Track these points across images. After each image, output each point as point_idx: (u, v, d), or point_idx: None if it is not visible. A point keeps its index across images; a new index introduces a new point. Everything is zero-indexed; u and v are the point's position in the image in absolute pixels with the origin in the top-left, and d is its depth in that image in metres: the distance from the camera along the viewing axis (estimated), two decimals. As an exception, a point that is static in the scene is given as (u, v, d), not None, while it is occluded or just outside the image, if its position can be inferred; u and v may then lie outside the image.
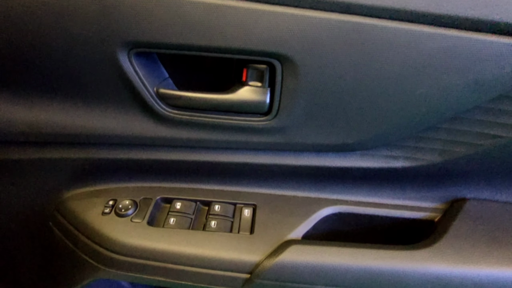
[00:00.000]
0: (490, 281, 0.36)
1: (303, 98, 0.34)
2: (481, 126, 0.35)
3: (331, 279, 0.37)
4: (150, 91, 0.35)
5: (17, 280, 0.54)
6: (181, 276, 0.40)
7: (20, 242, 0.50)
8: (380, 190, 0.44)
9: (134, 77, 0.34)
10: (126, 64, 0.33)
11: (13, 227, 0.49)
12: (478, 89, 0.31)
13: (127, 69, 0.33)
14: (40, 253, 0.51)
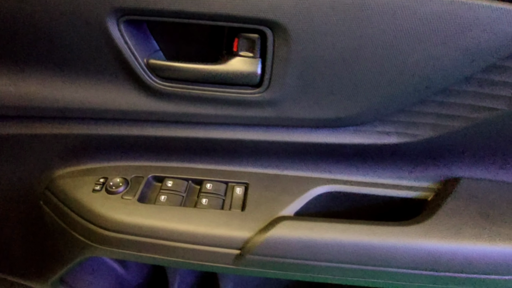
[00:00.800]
0: (480, 257, 0.36)
1: (295, 68, 0.33)
2: (474, 99, 0.34)
3: (322, 255, 0.37)
4: (140, 62, 0.35)
5: (8, 260, 0.54)
6: (171, 252, 0.40)
7: (10, 221, 0.50)
8: (374, 169, 0.44)
9: (123, 47, 0.34)
10: (115, 33, 0.33)
11: (3, 206, 0.48)
12: (471, 58, 0.31)
13: (117, 38, 0.33)
14: (31, 232, 0.50)
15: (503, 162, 0.42)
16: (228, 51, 0.34)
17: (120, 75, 0.36)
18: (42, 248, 0.50)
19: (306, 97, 0.35)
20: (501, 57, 0.31)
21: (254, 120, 0.38)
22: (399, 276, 0.37)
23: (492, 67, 0.32)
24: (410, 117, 0.37)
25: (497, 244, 0.36)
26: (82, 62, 0.35)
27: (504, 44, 0.30)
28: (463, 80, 0.33)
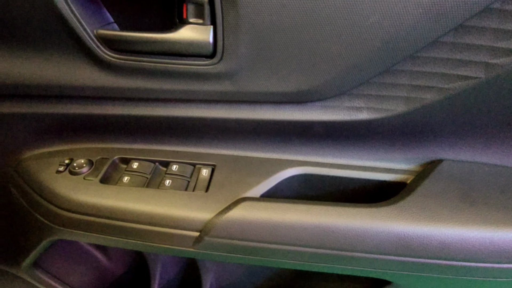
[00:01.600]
0: (457, 242, 0.33)
1: (247, 35, 0.31)
2: (446, 66, 0.31)
3: (283, 237, 0.35)
4: (89, 32, 0.33)
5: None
6: (131, 234, 0.38)
7: None
8: (347, 149, 0.41)
9: (70, 17, 0.32)
10: (60, 2, 0.31)
11: None
12: (437, 16, 0.28)
13: (62, 8, 0.32)
14: (1, 215, 0.50)
15: (486, 142, 0.39)
16: (179, 19, 0.33)
17: (71, 49, 0.35)
18: (11, 231, 0.50)
19: (262, 68, 0.33)
20: (472, 15, 0.28)
21: (212, 95, 0.36)
22: (366, 261, 0.34)
23: (462, 27, 0.28)
24: (380, 90, 0.34)
25: (475, 228, 0.33)
26: (32, 36, 0.34)
27: (473, 0, 0.27)
28: (431, 45, 0.30)
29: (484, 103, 0.33)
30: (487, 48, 0.30)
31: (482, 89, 0.32)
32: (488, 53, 0.30)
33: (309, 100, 0.36)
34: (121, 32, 0.33)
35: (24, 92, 0.39)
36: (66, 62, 0.36)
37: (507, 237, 0.33)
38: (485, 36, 0.29)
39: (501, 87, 0.32)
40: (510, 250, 0.32)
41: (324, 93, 0.35)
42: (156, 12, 0.35)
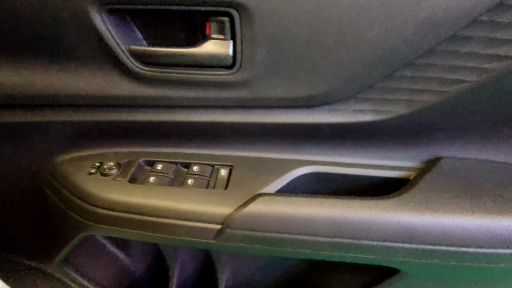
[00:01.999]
0: (456, 228, 0.36)
1: (262, 47, 0.35)
2: (442, 71, 0.35)
3: (298, 227, 0.38)
4: (123, 48, 0.38)
5: (16, 242, 0.58)
6: (157, 228, 0.42)
7: (18, 206, 0.54)
8: (354, 149, 0.45)
9: (106, 35, 0.37)
10: (97, 21, 0.36)
11: (10, 191, 0.53)
12: (430, 28, 0.31)
13: (99, 26, 0.36)
14: (35, 216, 0.54)
15: (483, 140, 0.42)
16: (202, 35, 0.37)
17: (105, 63, 0.39)
18: (46, 229, 0.54)
19: (276, 76, 0.37)
20: (462, 26, 0.31)
21: (230, 102, 0.40)
22: (375, 249, 0.38)
23: (454, 37, 0.32)
24: (383, 94, 0.38)
25: (475, 217, 0.36)
26: (70, 52, 0.39)
27: (463, 13, 0.30)
28: (428, 52, 0.34)
29: (478, 104, 0.37)
30: (478, 55, 0.33)
31: (476, 91, 0.35)
32: (480, 59, 0.33)
33: (317, 104, 0.40)
34: (151, 48, 0.38)
35: (61, 102, 0.44)
36: (100, 75, 0.41)
37: (504, 224, 0.36)
38: (476, 44, 0.33)
39: (493, 90, 0.35)
40: (507, 236, 0.35)
41: (331, 98, 0.39)
42: (180, 30, 0.39)
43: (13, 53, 0.40)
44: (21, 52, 0.40)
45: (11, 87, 0.42)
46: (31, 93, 0.42)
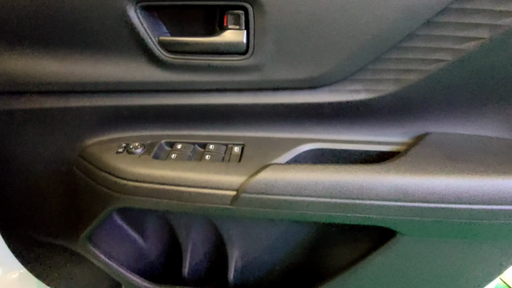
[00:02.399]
0: (445, 188, 0.42)
1: (271, 36, 0.42)
2: (422, 53, 0.41)
3: (304, 191, 0.44)
4: (153, 39, 0.45)
5: (39, 224, 0.63)
6: (179, 196, 0.48)
7: (46, 188, 0.60)
8: (351, 127, 0.51)
9: (140, 28, 0.44)
10: (132, 16, 0.43)
11: (41, 173, 0.58)
12: (409, 16, 0.38)
13: (134, 20, 0.43)
14: (64, 196, 0.59)
15: (466, 116, 0.48)
16: (220, 27, 0.44)
17: (136, 52, 0.46)
18: (74, 208, 0.59)
19: (283, 60, 0.44)
20: (436, 13, 0.38)
21: (243, 84, 0.47)
22: (372, 208, 0.43)
23: (430, 22, 0.39)
24: (373, 75, 0.45)
25: (461, 177, 0.42)
26: (105, 42, 0.46)
27: (436, 1, 0.37)
28: (409, 36, 0.40)
29: (457, 82, 0.43)
30: (451, 37, 0.40)
31: (452, 69, 0.42)
32: (452, 41, 0.40)
33: (318, 85, 0.46)
34: (178, 38, 0.45)
35: (93, 88, 0.50)
36: (130, 63, 0.47)
37: (487, 183, 0.41)
38: (448, 28, 0.40)
39: (467, 68, 0.42)
40: (488, 194, 0.41)
41: (330, 79, 0.45)
42: (200, 22, 0.46)
43: (53, 44, 0.47)
44: (60, 43, 0.47)
45: (49, 75, 0.49)
46: (67, 80, 0.49)
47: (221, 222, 0.63)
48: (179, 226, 0.67)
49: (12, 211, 0.64)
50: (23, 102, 0.51)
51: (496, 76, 0.43)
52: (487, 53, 0.40)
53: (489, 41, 0.39)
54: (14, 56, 0.48)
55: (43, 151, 0.56)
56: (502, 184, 0.42)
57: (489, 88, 0.45)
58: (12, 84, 0.49)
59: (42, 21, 0.45)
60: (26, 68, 0.48)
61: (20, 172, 0.58)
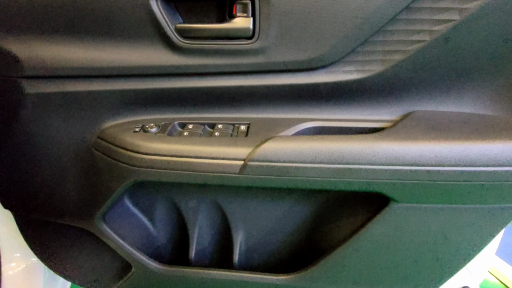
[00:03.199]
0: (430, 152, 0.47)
1: (275, 22, 0.49)
2: (403, 35, 0.48)
3: (305, 158, 0.49)
4: (171, 27, 0.51)
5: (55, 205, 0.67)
6: (192, 167, 0.53)
7: (64, 169, 0.64)
8: (345, 107, 0.57)
9: (160, 17, 0.50)
10: (154, 7, 0.49)
11: (59, 156, 0.63)
12: (391, 1, 0.45)
13: (156, 11, 0.50)
14: (81, 176, 0.64)
15: (447, 94, 0.55)
16: (230, 15, 0.51)
17: (156, 39, 0.52)
18: (90, 188, 0.64)
19: (285, 44, 0.50)
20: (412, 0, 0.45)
21: (250, 67, 0.53)
22: (365, 172, 0.49)
23: (410, 8, 0.46)
24: (363, 56, 0.51)
25: (443, 142, 0.48)
26: (127, 31, 0.52)
27: None
28: (392, 21, 0.47)
29: (436, 61, 0.50)
30: (428, 20, 0.47)
31: (430, 49, 0.49)
32: (429, 23, 0.47)
33: (316, 66, 0.53)
34: (192, 25, 0.51)
35: (112, 73, 0.56)
36: (149, 48, 0.53)
37: (465, 147, 0.47)
38: (425, 12, 0.47)
39: (443, 47, 0.49)
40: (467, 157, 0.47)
41: (326, 60, 0.52)
42: (211, 12, 0.53)
43: (80, 33, 0.53)
44: (87, 32, 0.53)
45: (76, 60, 0.55)
46: (91, 65, 0.54)
47: (227, 204, 0.67)
48: (187, 210, 0.72)
49: (29, 196, 0.68)
50: (51, 86, 0.56)
51: (470, 57, 0.50)
52: (459, 34, 0.47)
53: (460, 23, 0.46)
54: (46, 44, 0.54)
55: (65, 133, 0.61)
56: (480, 148, 0.47)
57: (464, 68, 0.52)
58: (43, 69, 0.55)
59: (71, 13, 0.51)
60: (55, 55, 0.54)
61: (41, 154, 0.63)
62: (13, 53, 0.54)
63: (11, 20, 0.53)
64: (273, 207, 0.68)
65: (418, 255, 0.60)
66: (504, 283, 1.20)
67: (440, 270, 0.63)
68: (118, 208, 0.69)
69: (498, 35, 0.48)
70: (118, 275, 0.79)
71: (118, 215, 0.69)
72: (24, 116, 0.58)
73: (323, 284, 0.66)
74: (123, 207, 0.70)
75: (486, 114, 0.55)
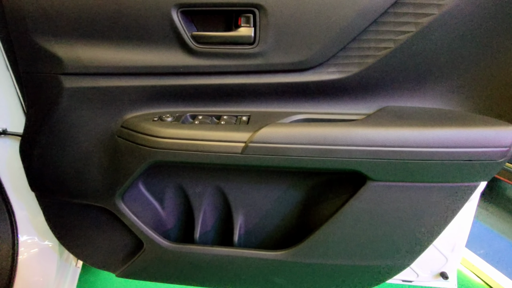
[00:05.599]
0: (399, 135, 0.59)
1: (272, 31, 0.61)
2: (373, 43, 0.61)
3: (298, 139, 0.60)
4: (188, 34, 0.63)
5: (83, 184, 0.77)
6: (202, 148, 0.63)
7: (90, 154, 0.74)
8: (330, 103, 0.69)
9: (179, 26, 0.62)
10: (175, 18, 0.62)
11: (86, 143, 0.73)
12: (361, 16, 0.58)
13: (176, 21, 0.62)
14: (105, 160, 0.74)
15: (412, 92, 0.67)
16: (235, 25, 0.63)
17: (174, 44, 0.64)
18: (112, 170, 0.74)
19: (280, 49, 0.62)
20: (380, 14, 0.58)
21: (251, 67, 0.65)
22: (346, 152, 0.60)
23: (377, 22, 0.58)
24: (343, 60, 0.63)
25: (407, 127, 0.59)
26: (151, 36, 0.64)
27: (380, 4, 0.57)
28: (364, 31, 0.59)
29: (400, 64, 0.62)
30: (392, 31, 0.59)
31: (395, 54, 0.61)
32: (393, 34, 0.59)
33: (305, 67, 0.65)
34: (206, 32, 0.63)
35: (136, 71, 0.67)
36: (168, 51, 0.65)
37: (425, 132, 0.59)
38: (390, 25, 0.59)
39: (405, 53, 0.61)
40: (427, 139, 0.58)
41: (313, 62, 0.64)
42: (221, 23, 0.65)
43: (111, 37, 0.65)
44: (117, 36, 0.65)
45: (107, 60, 0.66)
46: (120, 64, 0.66)
47: (228, 190, 0.78)
48: (193, 195, 0.82)
49: (57, 179, 0.78)
50: (86, 82, 0.68)
51: (428, 61, 0.62)
52: (417, 42, 0.60)
53: (416, 33, 0.59)
54: (83, 46, 0.65)
55: (93, 122, 0.72)
56: (436, 133, 0.59)
57: (425, 70, 0.64)
58: (80, 67, 0.66)
59: (105, 20, 0.63)
60: (91, 55, 0.66)
61: (71, 141, 0.74)
62: (55, 54, 0.66)
63: (55, 25, 0.64)
64: (268, 192, 0.78)
65: (393, 231, 0.70)
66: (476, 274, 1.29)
67: (413, 245, 0.73)
68: (134, 191, 0.79)
69: (448, 44, 0.60)
70: (129, 256, 0.88)
71: (134, 198, 0.79)
72: (60, 107, 0.69)
73: (311, 258, 0.76)
74: (138, 191, 0.80)
75: (444, 108, 0.67)
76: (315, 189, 0.76)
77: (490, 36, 0.60)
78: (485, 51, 0.62)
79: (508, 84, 0.63)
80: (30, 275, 0.93)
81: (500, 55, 0.62)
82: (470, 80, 0.65)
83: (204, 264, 0.82)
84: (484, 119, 0.62)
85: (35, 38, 0.65)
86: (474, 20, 0.59)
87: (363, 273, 0.78)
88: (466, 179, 0.64)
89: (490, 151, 0.60)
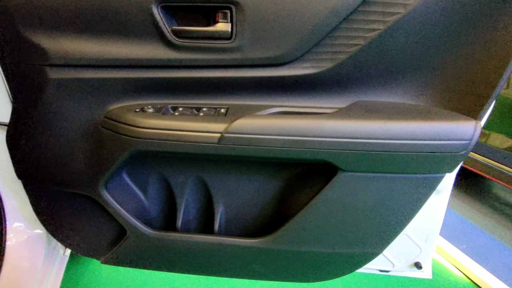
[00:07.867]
0: (369, 126, 0.62)
1: (248, 26, 0.64)
2: (345, 39, 0.64)
3: (272, 130, 0.64)
4: (168, 29, 0.66)
5: (69, 173, 0.79)
6: (181, 138, 0.66)
7: (74, 143, 0.77)
8: (306, 97, 0.72)
9: (160, 21, 0.65)
10: (155, 12, 0.64)
11: (70, 133, 0.76)
12: (332, 14, 0.61)
13: (156, 16, 0.64)
14: (89, 150, 0.77)
15: (381, 88, 0.70)
16: (213, 21, 0.66)
17: (155, 38, 0.67)
18: (96, 159, 0.76)
19: (256, 43, 0.65)
20: (351, 11, 0.61)
21: (229, 61, 0.68)
22: (317, 143, 0.63)
23: (347, 19, 0.61)
24: (317, 55, 0.66)
25: (375, 120, 0.62)
26: (133, 30, 0.66)
27: (351, 2, 0.60)
28: (335, 28, 0.62)
29: (371, 60, 0.65)
30: (361, 29, 0.62)
31: (364, 51, 0.64)
32: (363, 31, 0.62)
33: (281, 62, 0.68)
34: (185, 27, 0.66)
35: (116, 63, 0.70)
36: (149, 45, 0.68)
37: (392, 125, 0.62)
38: (359, 23, 0.62)
39: (375, 50, 0.64)
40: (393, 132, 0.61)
41: (288, 57, 0.67)
42: (199, 18, 0.68)
43: (95, 31, 0.67)
44: (100, 30, 0.67)
45: (90, 52, 0.69)
46: (103, 57, 0.69)
47: (209, 180, 0.81)
48: (175, 184, 0.85)
49: (43, 168, 0.80)
50: (70, 73, 0.70)
51: (396, 58, 0.66)
52: (385, 40, 0.63)
53: (384, 31, 0.62)
54: (68, 38, 0.68)
55: (77, 113, 0.75)
56: (402, 126, 0.62)
57: (394, 67, 0.67)
58: (65, 59, 0.68)
59: (90, 14, 0.66)
60: (75, 47, 0.68)
61: (56, 131, 0.76)
62: (40, 45, 0.68)
63: (40, 17, 0.67)
64: (248, 182, 0.82)
65: (363, 220, 0.74)
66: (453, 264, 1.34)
67: (383, 233, 0.76)
68: (117, 180, 0.82)
69: (415, 42, 0.64)
70: (113, 243, 0.91)
71: (117, 187, 0.82)
72: (46, 97, 0.72)
73: (287, 246, 0.79)
74: (122, 180, 0.83)
75: (412, 103, 0.70)
76: (291, 179, 0.79)
77: (455, 35, 0.64)
78: (450, 49, 0.65)
79: (472, 81, 0.66)
80: (18, 261, 0.96)
81: (465, 53, 0.65)
82: (437, 77, 0.68)
83: (185, 252, 0.85)
84: (448, 113, 0.66)
85: (21, 30, 0.67)
86: (439, 19, 0.62)
87: (337, 260, 0.82)
88: (431, 170, 0.67)
89: (452, 143, 0.63)
